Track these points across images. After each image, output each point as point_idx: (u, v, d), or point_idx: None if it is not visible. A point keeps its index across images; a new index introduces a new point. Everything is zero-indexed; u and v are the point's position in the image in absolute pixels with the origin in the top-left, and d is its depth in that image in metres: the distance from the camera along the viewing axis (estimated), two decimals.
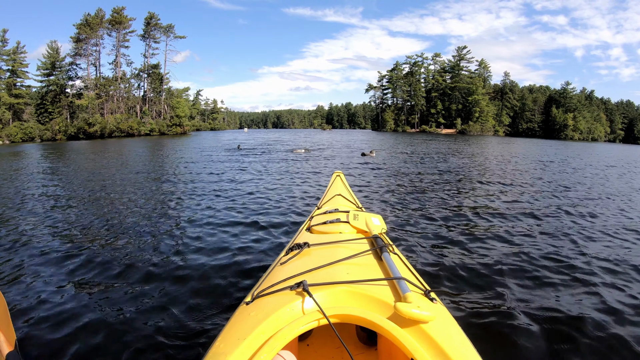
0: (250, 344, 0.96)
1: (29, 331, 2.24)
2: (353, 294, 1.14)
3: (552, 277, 3.00)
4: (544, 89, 76.28)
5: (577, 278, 3.01)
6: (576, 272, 3.14)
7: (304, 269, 1.31)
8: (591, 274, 3.10)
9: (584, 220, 5.09)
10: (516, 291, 2.74)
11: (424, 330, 0.98)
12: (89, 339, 2.15)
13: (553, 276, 3.03)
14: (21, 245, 3.92)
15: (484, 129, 63.88)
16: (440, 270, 3.10)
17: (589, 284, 2.91)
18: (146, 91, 51.18)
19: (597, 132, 69.81)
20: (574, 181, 9.52)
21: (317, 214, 2.27)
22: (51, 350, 2.07)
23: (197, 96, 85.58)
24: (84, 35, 44.65)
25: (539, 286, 2.85)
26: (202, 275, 3.02)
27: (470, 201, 6.24)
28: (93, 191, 7.24)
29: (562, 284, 2.90)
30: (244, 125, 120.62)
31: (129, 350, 2.05)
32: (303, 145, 22.82)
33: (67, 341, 2.14)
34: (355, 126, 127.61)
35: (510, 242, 3.94)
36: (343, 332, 1.68)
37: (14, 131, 38.02)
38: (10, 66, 41.20)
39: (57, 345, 2.11)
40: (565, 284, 2.89)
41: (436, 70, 70.82)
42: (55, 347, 2.08)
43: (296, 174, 9.90)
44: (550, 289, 2.82)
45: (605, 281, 2.98)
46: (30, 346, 2.09)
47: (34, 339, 2.16)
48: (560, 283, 2.91)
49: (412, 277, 1.36)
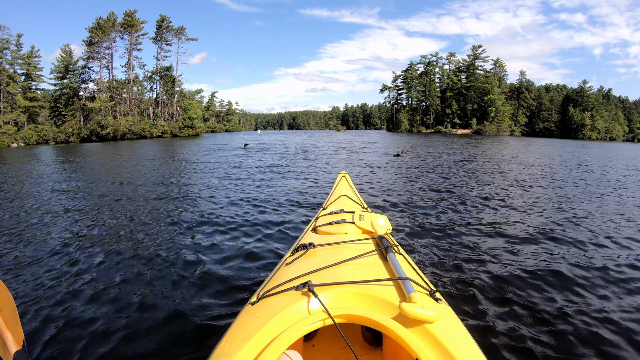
0: (255, 344, 0.96)
1: (37, 331, 2.25)
2: (358, 294, 1.13)
3: (561, 281, 2.93)
4: (561, 88, 74.73)
5: (588, 283, 2.91)
6: (589, 277, 3.04)
7: (309, 269, 1.29)
8: (602, 278, 3.02)
9: (608, 223, 4.84)
10: (522, 293, 2.70)
11: (429, 331, 0.97)
12: (96, 339, 2.16)
13: (562, 279, 2.95)
14: (31, 246, 3.91)
15: (500, 129, 62.51)
16: (446, 270, 3.08)
17: (599, 286, 2.86)
18: (159, 93, 51.10)
19: (615, 131, 68.06)
20: (601, 187, 8.75)
21: (322, 215, 2.27)
22: (59, 350, 2.07)
23: (212, 98, 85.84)
24: (97, 38, 44.67)
25: (546, 289, 2.78)
26: (207, 275, 3.01)
27: (481, 203, 5.93)
28: (102, 193, 7.22)
29: (571, 287, 2.83)
30: (259, 127, 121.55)
31: (135, 349, 2.06)
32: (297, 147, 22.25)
33: (74, 341, 2.14)
34: (371, 127, 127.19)
35: (519, 246, 3.78)
36: (348, 333, 1.69)
37: (28, 134, 38.11)
38: (25, 70, 41.41)
39: (65, 345, 2.11)
40: (574, 288, 2.82)
41: (451, 69, 69.79)
42: (62, 347, 2.09)
43: (301, 173, 10.06)
44: (559, 291, 2.75)
45: (609, 285, 2.89)
46: (38, 346, 2.10)
47: (42, 339, 2.16)
48: (569, 287, 2.84)
49: (417, 277, 1.34)
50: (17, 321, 1.33)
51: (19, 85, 40.50)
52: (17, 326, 1.31)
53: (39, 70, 42.68)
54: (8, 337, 1.23)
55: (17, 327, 1.30)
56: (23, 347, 1.25)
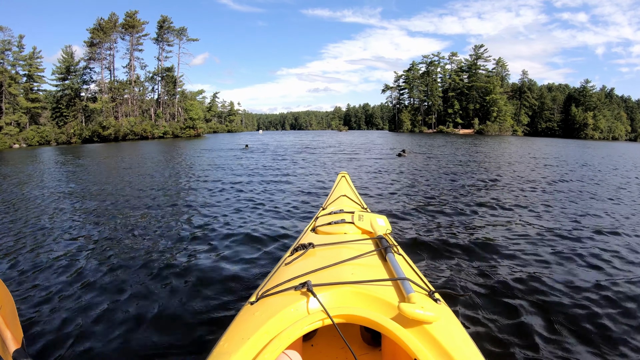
0: (254, 343, 0.97)
1: (37, 329, 2.25)
2: (357, 295, 1.13)
3: (559, 281, 2.89)
4: (563, 88, 74.39)
5: (588, 286, 2.83)
6: (591, 276, 3.02)
7: (309, 269, 1.29)
8: (599, 275, 3.02)
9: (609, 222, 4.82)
10: (522, 294, 2.68)
11: (427, 331, 0.98)
12: (95, 339, 2.15)
13: (562, 280, 2.91)
14: (31, 247, 3.88)
15: (502, 128, 62.17)
16: (445, 271, 3.07)
17: (598, 285, 2.82)
18: (160, 94, 51.05)
19: (618, 130, 67.67)
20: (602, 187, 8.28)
21: (322, 215, 2.26)
22: (58, 348, 2.07)
23: (213, 99, 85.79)
24: (98, 39, 44.61)
25: (547, 290, 2.74)
26: (206, 275, 3.00)
27: (482, 204, 5.81)
28: (101, 194, 7.18)
29: (571, 289, 2.77)
30: (261, 128, 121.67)
31: (133, 349, 2.05)
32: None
33: (73, 340, 2.14)
34: (373, 127, 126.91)
35: (520, 247, 3.71)
36: (347, 333, 1.70)
37: (30, 135, 38.13)
38: (27, 71, 41.40)
39: (64, 344, 2.10)
40: (575, 290, 2.76)
41: (453, 69, 69.52)
42: (61, 346, 2.08)
43: (301, 173, 9.98)
44: (557, 292, 2.71)
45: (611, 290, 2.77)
46: (37, 344, 2.10)
47: (41, 337, 2.16)
48: (570, 288, 2.78)
49: (416, 277, 1.34)
50: (16, 320, 1.32)
51: (21, 86, 40.49)
52: (17, 325, 1.30)
53: (41, 71, 42.74)
54: (7, 336, 1.23)
55: (16, 326, 1.29)
56: (22, 345, 1.25)
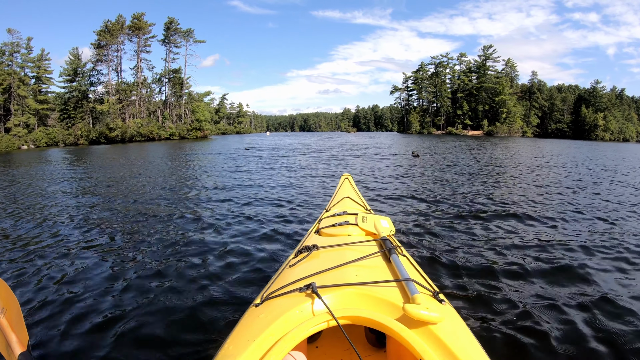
0: (259, 345, 0.96)
1: (42, 333, 2.23)
2: (362, 296, 1.13)
3: (569, 284, 2.83)
4: (573, 89, 73.44)
5: (601, 291, 2.69)
6: (594, 278, 2.93)
7: (313, 271, 1.29)
8: (608, 281, 2.89)
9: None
10: (526, 294, 2.64)
11: (432, 332, 0.97)
12: (100, 341, 2.14)
13: (569, 282, 2.85)
14: (37, 249, 3.86)
15: (511, 130, 61.32)
16: (449, 271, 3.04)
17: (612, 290, 2.71)
18: (167, 96, 50.90)
19: (629, 132, 66.53)
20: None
21: (325, 217, 2.25)
22: (63, 352, 2.05)
23: (222, 100, 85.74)
24: (105, 41, 44.53)
25: (550, 291, 2.69)
26: (210, 277, 2.98)
27: (488, 206, 5.69)
28: (108, 195, 7.23)
29: (579, 292, 2.69)
30: (269, 129, 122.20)
31: (138, 351, 2.05)
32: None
33: (78, 342, 2.13)
34: (382, 128, 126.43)
35: (526, 250, 3.64)
36: (352, 334, 1.67)
37: (39, 136, 38.18)
38: (36, 73, 41.47)
39: (69, 347, 2.09)
40: (582, 293, 2.67)
41: (462, 70, 68.83)
42: (67, 349, 2.07)
43: (304, 175, 9.96)
44: (566, 295, 2.62)
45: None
46: (42, 348, 2.08)
47: (46, 341, 2.15)
48: (577, 291, 2.71)
49: (420, 278, 1.35)
50: (21, 323, 1.32)
51: (30, 88, 40.56)
52: (22, 328, 1.30)
53: (49, 73, 42.86)
54: (13, 339, 1.23)
55: (21, 329, 1.29)
56: (28, 348, 1.25)
